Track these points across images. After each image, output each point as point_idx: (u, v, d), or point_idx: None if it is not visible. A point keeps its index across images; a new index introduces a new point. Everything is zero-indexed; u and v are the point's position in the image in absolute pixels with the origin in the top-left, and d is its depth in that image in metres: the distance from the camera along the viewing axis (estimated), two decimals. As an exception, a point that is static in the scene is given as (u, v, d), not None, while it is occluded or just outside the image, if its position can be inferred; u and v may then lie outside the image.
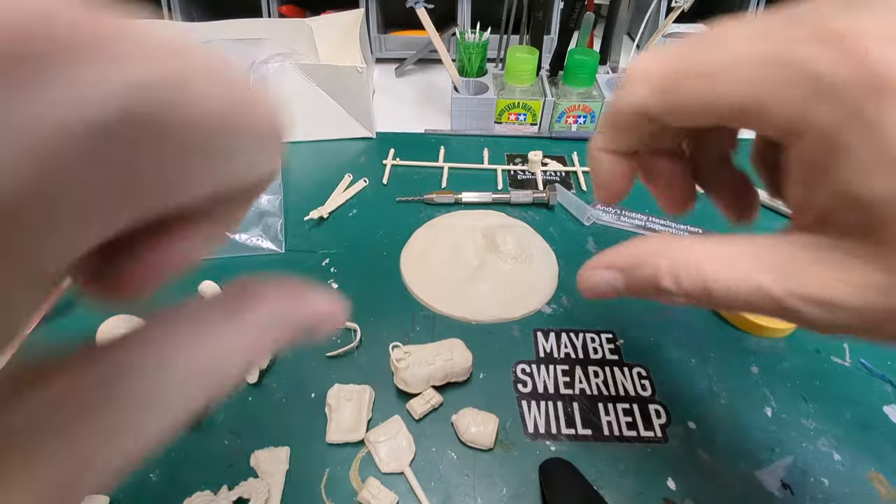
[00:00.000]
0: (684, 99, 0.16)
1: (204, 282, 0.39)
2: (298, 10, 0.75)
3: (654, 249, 0.19)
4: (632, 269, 0.19)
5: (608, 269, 0.20)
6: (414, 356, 0.32)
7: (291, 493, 0.28)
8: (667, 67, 0.17)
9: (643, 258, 0.19)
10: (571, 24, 0.57)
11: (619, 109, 0.19)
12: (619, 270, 0.20)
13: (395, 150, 0.56)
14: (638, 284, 0.19)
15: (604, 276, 0.20)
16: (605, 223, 0.47)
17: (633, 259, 0.19)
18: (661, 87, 0.17)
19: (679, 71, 0.16)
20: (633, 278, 0.19)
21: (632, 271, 0.19)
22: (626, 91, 0.18)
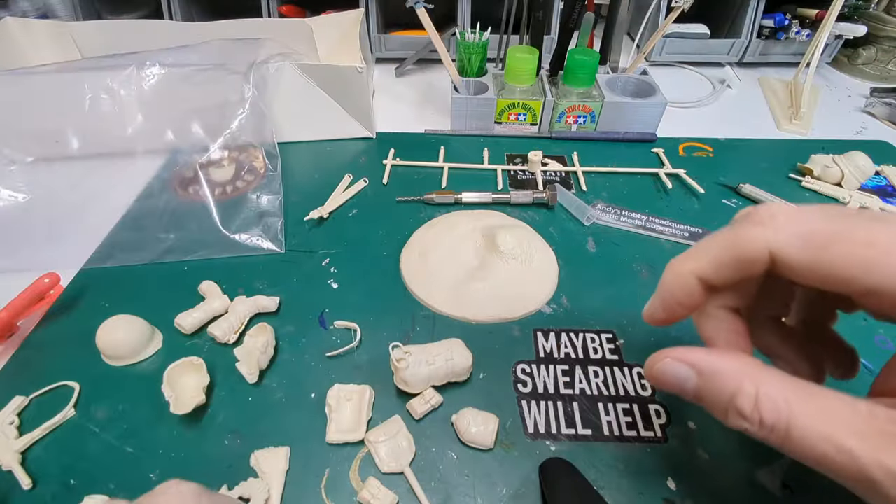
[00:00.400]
0: (836, 261, 0.17)
1: (204, 282, 0.39)
2: (298, 10, 0.75)
3: (744, 368, 0.18)
4: (711, 375, 0.19)
5: (684, 365, 0.20)
6: (414, 356, 0.32)
7: (291, 493, 0.28)
8: (823, 224, 0.18)
9: (728, 370, 0.18)
10: (571, 24, 0.57)
11: (746, 243, 0.19)
12: (696, 371, 0.19)
13: (395, 150, 0.56)
14: (711, 393, 0.19)
15: (678, 370, 0.20)
16: (606, 223, 0.47)
17: (715, 366, 0.19)
18: (814, 240, 0.17)
19: (840, 233, 0.17)
20: (708, 385, 0.19)
21: (710, 377, 0.19)
22: (762, 229, 0.19)
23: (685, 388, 0.20)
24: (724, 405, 0.18)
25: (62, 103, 0.48)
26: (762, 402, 0.17)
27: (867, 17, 0.73)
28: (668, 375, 0.20)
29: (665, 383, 0.20)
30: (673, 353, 0.20)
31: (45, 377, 0.34)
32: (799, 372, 0.24)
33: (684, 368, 0.20)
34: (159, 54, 0.49)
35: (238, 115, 0.48)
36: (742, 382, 0.18)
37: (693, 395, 0.20)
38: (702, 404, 0.19)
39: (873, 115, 0.66)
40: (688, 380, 0.19)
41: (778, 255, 0.18)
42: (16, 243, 0.43)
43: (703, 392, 0.19)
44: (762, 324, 0.24)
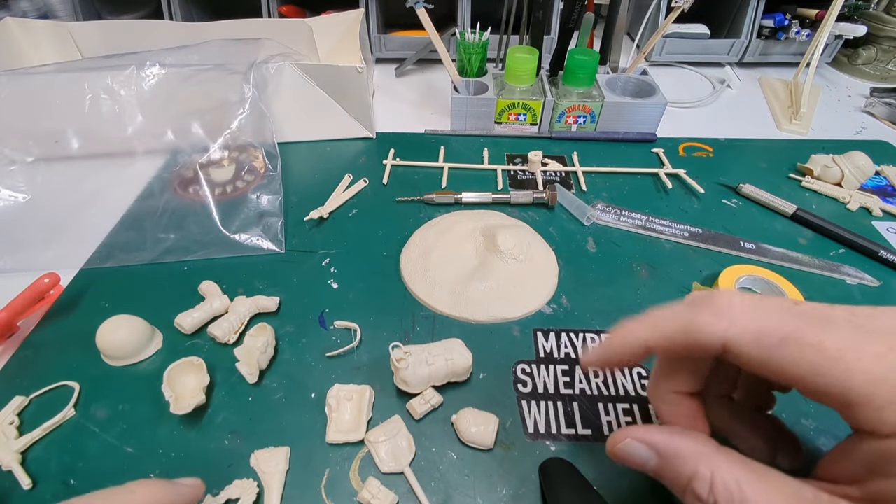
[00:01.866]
0: (786, 361, 0.18)
1: (204, 282, 0.39)
2: (298, 10, 0.75)
3: (700, 450, 0.19)
4: (670, 457, 0.20)
5: (645, 446, 0.21)
6: (414, 356, 0.32)
7: (291, 493, 0.28)
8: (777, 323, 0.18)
9: (685, 453, 0.20)
10: (571, 24, 0.57)
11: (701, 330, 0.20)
12: (656, 452, 0.20)
13: (395, 150, 0.56)
14: (670, 474, 0.20)
15: (639, 450, 0.21)
16: (605, 223, 0.47)
17: (674, 448, 0.20)
18: (766, 339, 0.18)
19: (791, 335, 0.18)
20: (667, 466, 0.20)
21: (669, 459, 0.20)
22: (717, 320, 0.20)
23: (646, 467, 0.21)
24: (682, 486, 0.19)
25: (62, 103, 0.48)
26: (716, 486, 0.18)
27: (867, 17, 0.73)
28: (631, 455, 0.21)
29: (627, 461, 0.22)
30: (634, 433, 0.21)
31: (45, 377, 0.34)
32: (754, 448, 0.24)
33: (645, 449, 0.21)
34: (159, 54, 0.49)
35: (238, 115, 0.48)
36: (698, 465, 0.19)
37: (654, 474, 0.21)
38: (662, 482, 0.21)
39: (873, 115, 0.66)
40: (648, 460, 0.21)
41: (731, 348, 0.19)
42: (16, 243, 0.43)
43: (663, 472, 0.20)
44: (713, 403, 0.25)
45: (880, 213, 0.49)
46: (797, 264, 0.43)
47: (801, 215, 0.47)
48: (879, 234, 0.46)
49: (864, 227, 0.47)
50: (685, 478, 0.19)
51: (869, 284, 0.41)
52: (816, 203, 0.50)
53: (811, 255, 0.43)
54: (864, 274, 0.41)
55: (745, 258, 0.43)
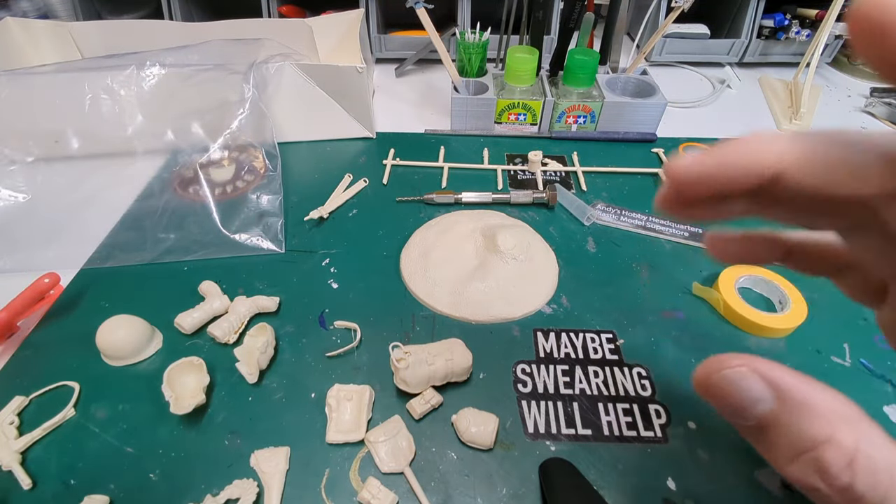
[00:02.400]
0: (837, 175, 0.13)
1: (204, 282, 0.39)
2: (298, 10, 0.75)
3: (847, 413, 0.13)
4: (798, 405, 0.14)
5: (759, 380, 0.14)
6: (414, 356, 0.32)
7: (291, 493, 0.28)
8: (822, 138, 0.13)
9: (823, 409, 0.14)
10: (571, 24, 0.57)
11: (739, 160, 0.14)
12: (778, 395, 0.14)
13: (395, 150, 0.56)
14: (789, 429, 0.14)
15: (752, 385, 0.14)
16: (605, 223, 0.47)
17: (807, 399, 0.14)
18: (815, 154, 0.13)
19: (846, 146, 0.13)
20: (786, 419, 0.14)
21: (794, 410, 0.14)
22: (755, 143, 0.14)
23: (751, 411, 0.15)
24: (797, 449, 0.13)
25: (62, 103, 0.48)
26: (859, 463, 0.12)
27: (867, 17, 0.73)
28: (735, 388, 0.15)
29: (724, 397, 0.15)
30: (750, 363, 0.15)
31: (45, 377, 0.34)
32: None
33: (761, 386, 0.14)
34: (159, 54, 0.50)
35: (238, 115, 0.48)
36: (837, 430, 0.13)
37: (758, 422, 0.15)
38: (759, 438, 0.15)
39: (873, 115, 0.66)
40: (761, 402, 0.14)
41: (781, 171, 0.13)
42: (16, 243, 0.43)
43: (777, 423, 0.14)
44: None
45: (880, 213, 0.48)
46: (797, 264, 0.42)
47: (801, 215, 0.47)
48: (879, 234, 0.46)
49: (864, 227, 0.47)
50: (809, 440, 0.13)
51: (869, 284, 0.41)
52: (816, 203, 0.50)
53: (811, 255, 0.43)
54: (864, 274, 0.41)
55: (745, 258, 0.43)
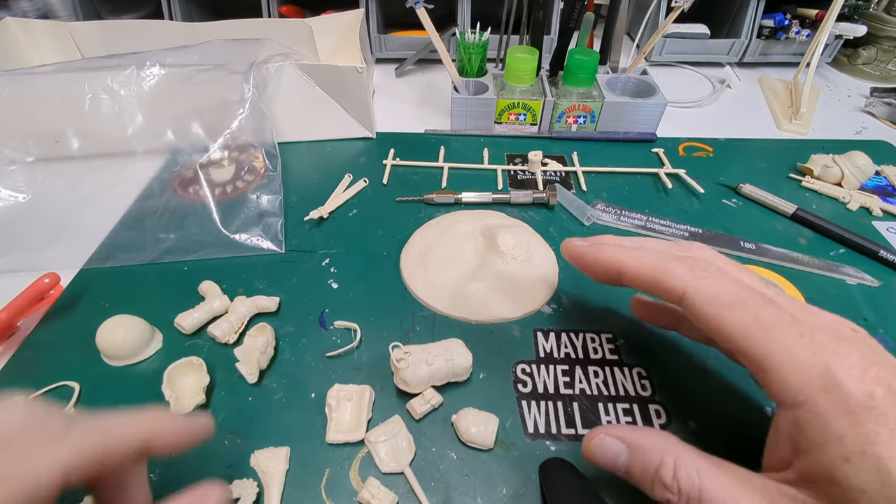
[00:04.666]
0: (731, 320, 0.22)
1: (204, 282, 0.39)
2: (298, 10, 0.75)
3: (666, 444, 0.22)
4: (641, 450, 0.22)
5: (616, 440, 0.23)
6: (414, 356, 0.32)
7: (291, 493, 0.28)
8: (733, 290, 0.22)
9: (654, 446, 0.22)
10: (571, 24, 0.57)
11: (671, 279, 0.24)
12: (627, 446, 0.23)
13: (395, 150, 0.56)
14: (640, 466, 0.22)
15: (611, 445, 0.23)
16: (605, 223, 0.47)
17: (643, 443, 0.22)
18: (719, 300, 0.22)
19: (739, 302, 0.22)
20: (636, 459, 0.22)
21: (640, 453, 0.22)
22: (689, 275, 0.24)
23: (618, 463, 0.23)
24: (650, 478, 0.21)
25: (62, 103, 0.48)
26: (679, 473, 0.20)
27: (867, 17, 0.73)
28: (603, 451, 0.23)
29: (600, 458, 0.23)
30: (605, 430, 0.24)
31: (45, 377, 0.34)
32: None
33: (616, 444, 0.23)
34: (159, 54, 0.49)
35: (238, 115, 0.48)
36: (664, 455, 0.21)
37: (624, 469, 0.23)
38: (632, 479, 0.23)
39: (873, 115, 0.66)
40: (620, 454, 0.23)
41: (688, 299, 0.23)
42: (16, 243, 0.43)
43: (633, 466, 0.22)
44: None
45: (880, 213, 0.49)
46: (797, 264, 0.43)
47: (801, 215, 0.47)
48: (879, 234, 0.46)
49: (864, 227, 0.47)
50: (652, 468, 0.21)
51: (869, 284, 0.41)
52: (816, 203, 0.50)
53: (811, 255, 0.43)
54: (864, 274, 0.41)
55: (745, 258, 0.43)
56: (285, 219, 0.46)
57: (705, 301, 0.22)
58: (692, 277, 0.23)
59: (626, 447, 0.23)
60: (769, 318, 0.21)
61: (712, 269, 0.23)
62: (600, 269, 0.27)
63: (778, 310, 0.21)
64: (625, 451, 0.23)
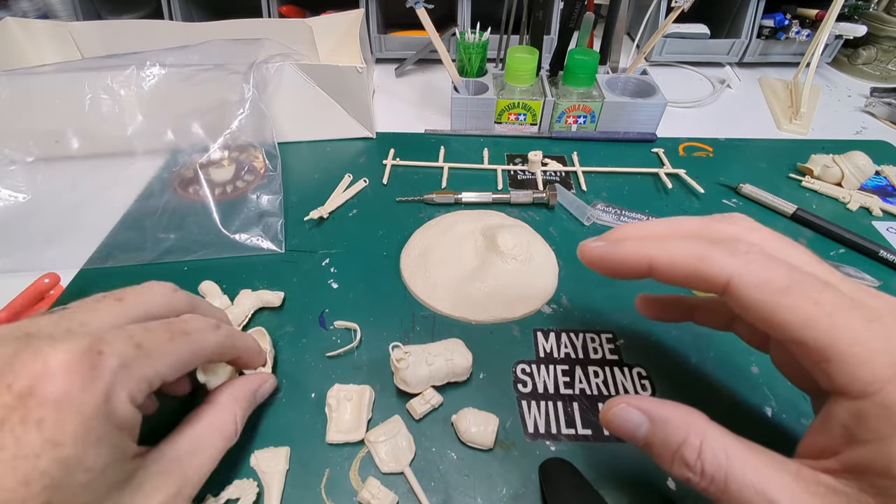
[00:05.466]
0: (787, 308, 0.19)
1: (204, 282, 0.39)
2: (298, 10, 0.75)
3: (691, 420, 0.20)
4: (661, 423, 0.21)
5: (638, 411, 0.21)
6: (414, 356, 0.32)
7: (291, 493, 0.28)
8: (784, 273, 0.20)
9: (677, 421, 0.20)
10: (571, 24, 0.57)
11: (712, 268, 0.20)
12: (649, 418, 0.21)
13: (395, 150, 0.56)
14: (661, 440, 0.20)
15: (632, 415, 0.21)
16: (605, 223, 0.47)
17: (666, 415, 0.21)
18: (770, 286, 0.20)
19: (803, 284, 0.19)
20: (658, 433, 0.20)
21: (660, 426, 0.21)
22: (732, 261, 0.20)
23: (637, 434, 0.21)
24: (671, 454, 0.20)
25: (62, 103, 0.48)
26: (705, 454, 0.19)
27: (867, 17, 0.73)
28: (623, 420, 0.22)
29: (619, 427, 0.22)
30: (628, 400, 0.22)
31: (45, 377, 0.34)
32: None
33: (637, 414, 0.21)
34: (159, 54, 0.49)
35: (238, 115, 0.48)
36: (689, 433, 0.20)
37: (644, 441, 0.21)
38: (651, 452, 0.21)
39: (873, 115, 0.66)
40: (640, 426, 0.21)
41: (734, 287, 0.20)
42: (16, 243, 0.43)
43: (653, 439, 0.21)
44: None
45: (880, 213, 0.49)
46: (797, 264, 0.42)
47: (801, 215, 0.47)
48: (879, 234, 0.46)
49: (864, 227, 0.47)
50: (674, 444, 0.20)
51: (869, 284, 0.41)
52: (816, 203, 0.50)
53: (811, 255, 0.43)
54: (864, 274, 0.41)
55: (745, 258, 0.43)
56: (285, 219, 0.46)
57: (755, 289, 0.19)
58: (736, 263, 0.20)
59: (648, 419, 0.21)
60: (830, 303, 0.18)
61: (756, 250, 0.20)
62: (626, 268, 0.23)
63: (837, 293, 0.18)
64: (646, 423, 0.21)
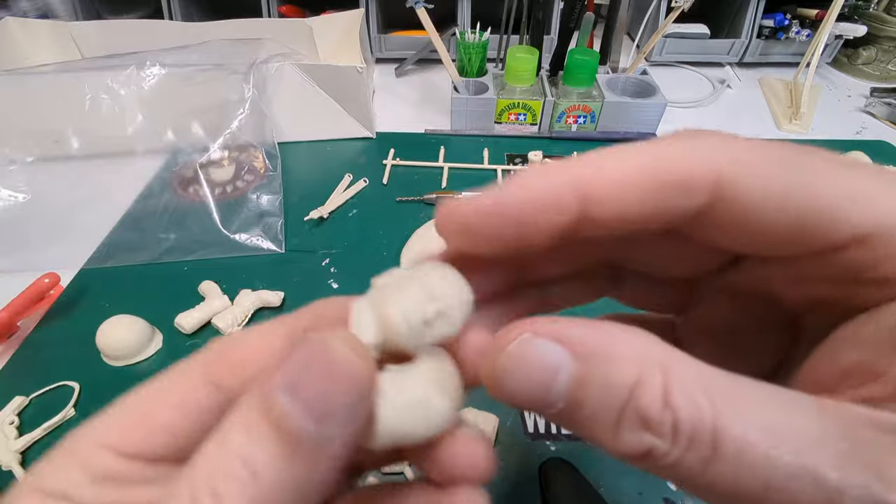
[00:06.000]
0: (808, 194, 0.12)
1: (204, 282, 0.39)
2: (298, 10, 0.75)
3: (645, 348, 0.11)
4: (599, 360, 0.11)
5: (553, 344, 0.12)
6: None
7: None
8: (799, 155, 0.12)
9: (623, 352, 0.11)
10: (571, 24, 0.57)
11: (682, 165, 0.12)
12: (573, 352, 0.11)
13: (395, 150, 0.56)
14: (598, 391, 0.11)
15: (546, 351, 0.12)
16: (605, 223, 0.47)
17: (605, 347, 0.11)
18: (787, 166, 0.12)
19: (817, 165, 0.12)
20: (594, 377, 0.11)
21: (596, 364, 0.11)
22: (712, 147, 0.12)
23: (553, 388, 0.11)
24: (615, 411, 0.11)
25: (62, 103, 0.48)
26: (674, 398, 0.10)
27: (867, 17, 0.73)
28: (529, 364, 0.12)
29: (519, 381, 0.12)
30: (529, 327, 0.12)
31: (45, 377, 0.34)
32: None
33: (552, 349, 0.11)
34: (159, 54, 0.50)
35: (238, 115, 0.48)
36: (642, 368, 0.11)
37: (566, 396, 0.11)
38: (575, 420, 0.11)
39: (873, 115, 0.66)
40: (558, 371, 0.11)
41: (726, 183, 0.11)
42: (16, 243, 0.43)
43: (584, 391, 0.11)
44: None
45: (880, 213, 0.48)
46: (797, 264, 0.42)
47: (801, 215, 0.47)
48: (879, 234, 0.46)
49: (864, 227, 0.47)
50: (621, 390, 0.10)
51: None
52: (816, 203, 0.50)
53: (811, 255, 0.43)
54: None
55: (745, 258, 0.43)
56: (285, 219, 0.46)
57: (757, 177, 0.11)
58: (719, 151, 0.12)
59: (571, 356, 0.11)
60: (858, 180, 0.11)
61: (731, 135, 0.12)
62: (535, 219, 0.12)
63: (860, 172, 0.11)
64: (569, 362, 0.11)
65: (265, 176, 0.48)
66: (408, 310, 0.13)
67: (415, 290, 0.13)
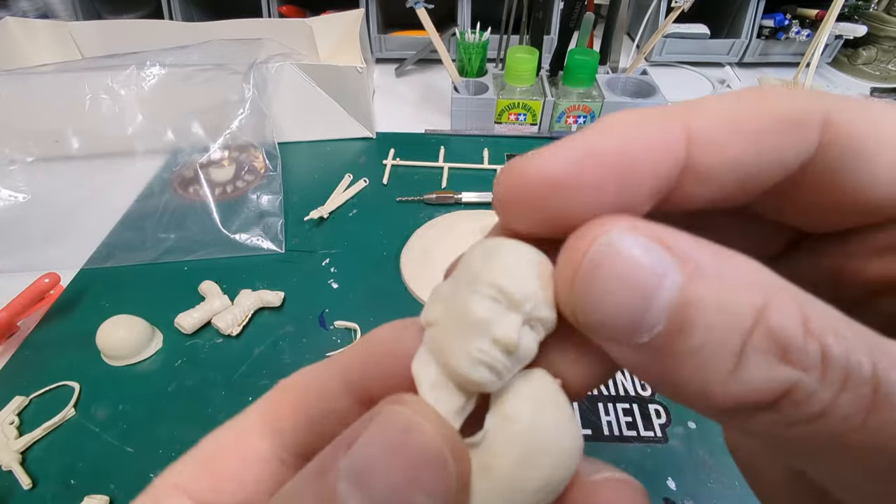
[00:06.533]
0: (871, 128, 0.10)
1: (204, 282, 0.39)
2: (298, 10, 0.75)
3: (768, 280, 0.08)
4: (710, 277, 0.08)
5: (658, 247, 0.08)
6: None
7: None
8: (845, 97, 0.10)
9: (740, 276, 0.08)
10: (571, 24, 0.57)
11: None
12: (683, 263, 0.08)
13: (395, 150, 0.56)
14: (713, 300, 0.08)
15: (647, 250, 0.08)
16: (605, 223, 0.47)
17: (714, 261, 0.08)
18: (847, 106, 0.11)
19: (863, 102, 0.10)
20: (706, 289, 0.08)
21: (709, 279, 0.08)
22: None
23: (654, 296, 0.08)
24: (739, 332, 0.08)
25: (62, 103, 0.48)
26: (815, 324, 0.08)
27: (867, 17, 0.73)
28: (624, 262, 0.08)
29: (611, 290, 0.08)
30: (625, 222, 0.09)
31: (45, 377, 0.34)
32: None
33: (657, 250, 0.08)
34: (159, 54, 0.50)
35: (238, 115, 0.48)
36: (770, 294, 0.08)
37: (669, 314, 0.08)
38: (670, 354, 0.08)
39: (873, 115, 0.66)
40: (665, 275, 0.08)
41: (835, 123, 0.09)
42: (16, 243, 0.43)
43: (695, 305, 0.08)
44: None
45: (880, 213, 0.48)
46: (797, 264, 0.42)
47: (801, 215, 0.47)
48: (879, 234, 0.46)
49: (864, 227, 0.47)
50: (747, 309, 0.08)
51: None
52: (816, 203, 0.50)
53: (811, 255, 0.43)
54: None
55: (745, 258, 0.43)
56: (285, 219, 0.46)
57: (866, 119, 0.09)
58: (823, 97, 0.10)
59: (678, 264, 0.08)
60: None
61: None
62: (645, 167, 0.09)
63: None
64: (675, 271, 0.08)
65: (265, 176, 0.48)
66: (482, 349, 0.09)
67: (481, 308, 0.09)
